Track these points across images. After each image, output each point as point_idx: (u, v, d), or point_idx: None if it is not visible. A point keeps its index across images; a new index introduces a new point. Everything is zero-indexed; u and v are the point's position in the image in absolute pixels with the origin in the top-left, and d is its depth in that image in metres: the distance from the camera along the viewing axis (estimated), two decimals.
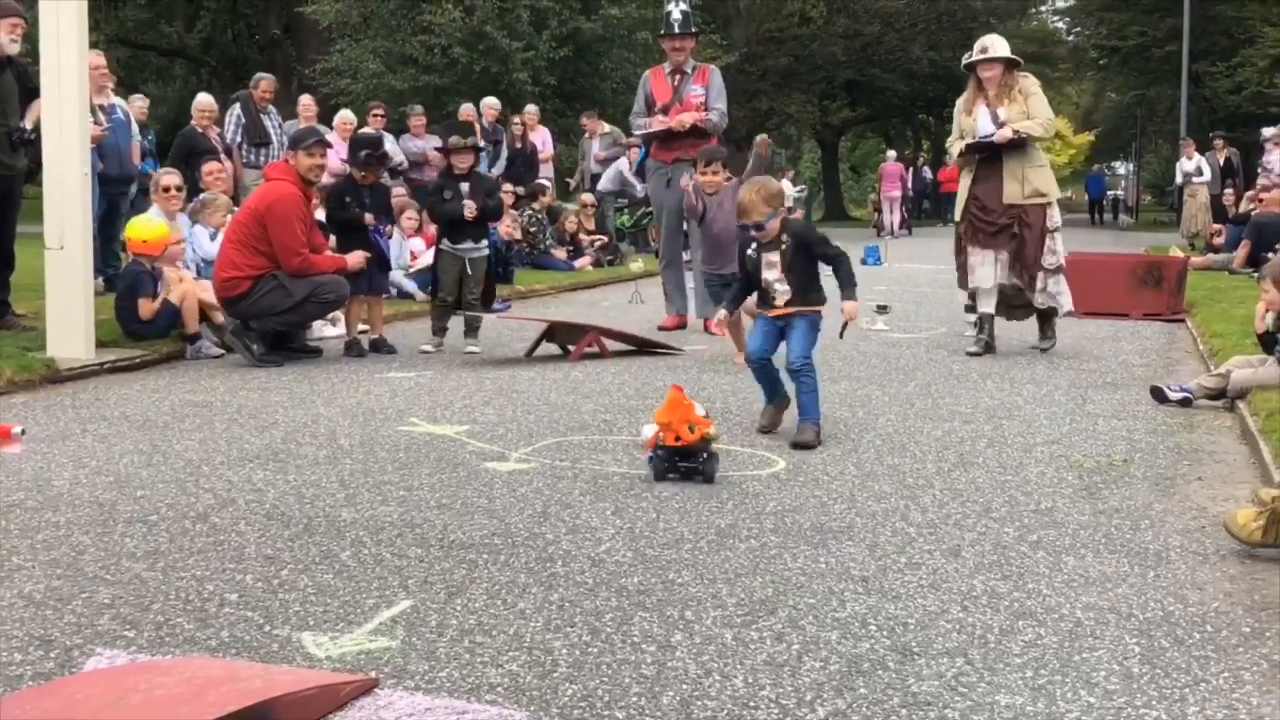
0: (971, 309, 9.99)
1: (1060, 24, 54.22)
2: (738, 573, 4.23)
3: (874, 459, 6.02)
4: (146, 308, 9.04)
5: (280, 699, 2.90)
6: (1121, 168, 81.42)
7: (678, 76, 11.11)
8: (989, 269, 9.44)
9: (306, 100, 15.78)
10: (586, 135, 20.43)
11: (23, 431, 2.11)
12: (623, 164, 19.10)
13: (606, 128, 20.19)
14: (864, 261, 20.57)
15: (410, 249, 13.23)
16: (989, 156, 9.42)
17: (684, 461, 5.53)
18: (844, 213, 50.42)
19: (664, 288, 11.54)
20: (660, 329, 10.94)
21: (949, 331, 10.80)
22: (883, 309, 11.62)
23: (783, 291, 6.59)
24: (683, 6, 11.15)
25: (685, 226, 11.34)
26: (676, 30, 11.10)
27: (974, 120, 9.45)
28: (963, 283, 9.78)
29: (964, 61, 9.77)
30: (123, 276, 9.58)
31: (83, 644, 3.48)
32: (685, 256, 11.69)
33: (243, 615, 3.73)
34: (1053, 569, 4.33)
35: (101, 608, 3.77)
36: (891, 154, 38.91)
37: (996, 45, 9.52)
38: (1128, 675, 3.41)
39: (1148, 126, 59.90)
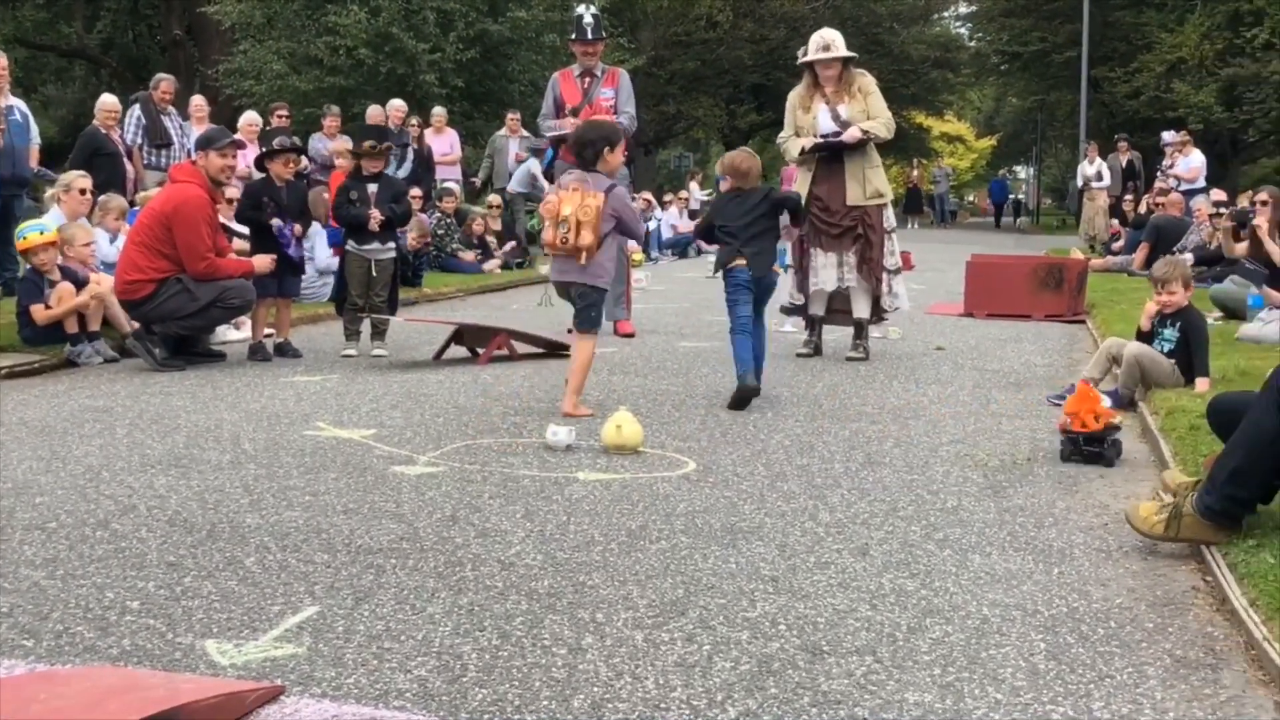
0: (790, 311, 9.92)
1: (963, 29, 54.81)
2: (648, 574, 4.22)
3: (783, 459, 6.04)
4: (40, 314, 8.86)
5: (184, 707, 2.85)
6: (1022, 171, 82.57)
7: (587, 79, 11.08)
8: (831, 271, 9.37)
9: (199, 101, 15.57)
10: (506, 133, 20.35)
11: None
12: (534, 164, 19.06)
13: (522, 131, 20.13)
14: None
15: None
16: (829, 156, 9.34)
17: (1089, 446, 6.09)
18: None
19: None
20: (570, 331, 10.88)
21: (850, 332, 10.85)
22: (790, 310, 11.65)
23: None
24: (592, 11, 11.13)
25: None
26: (589, 35, 11.07)
27: (813, 118, 9.37)
28: (799, 286, 9.64)
29: (800, 59, 9.67)
30: (20, 284, 9.41)
31: None
32: None
33: (145, 623, 3.66)
34: (959, 567, 4.37)
35: None
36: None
37: (838, 43, 9.41)
38: (1034, 672, 3.45)
39: (1048, 131, 60.76)
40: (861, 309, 9.44)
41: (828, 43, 9.43)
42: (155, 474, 5.54)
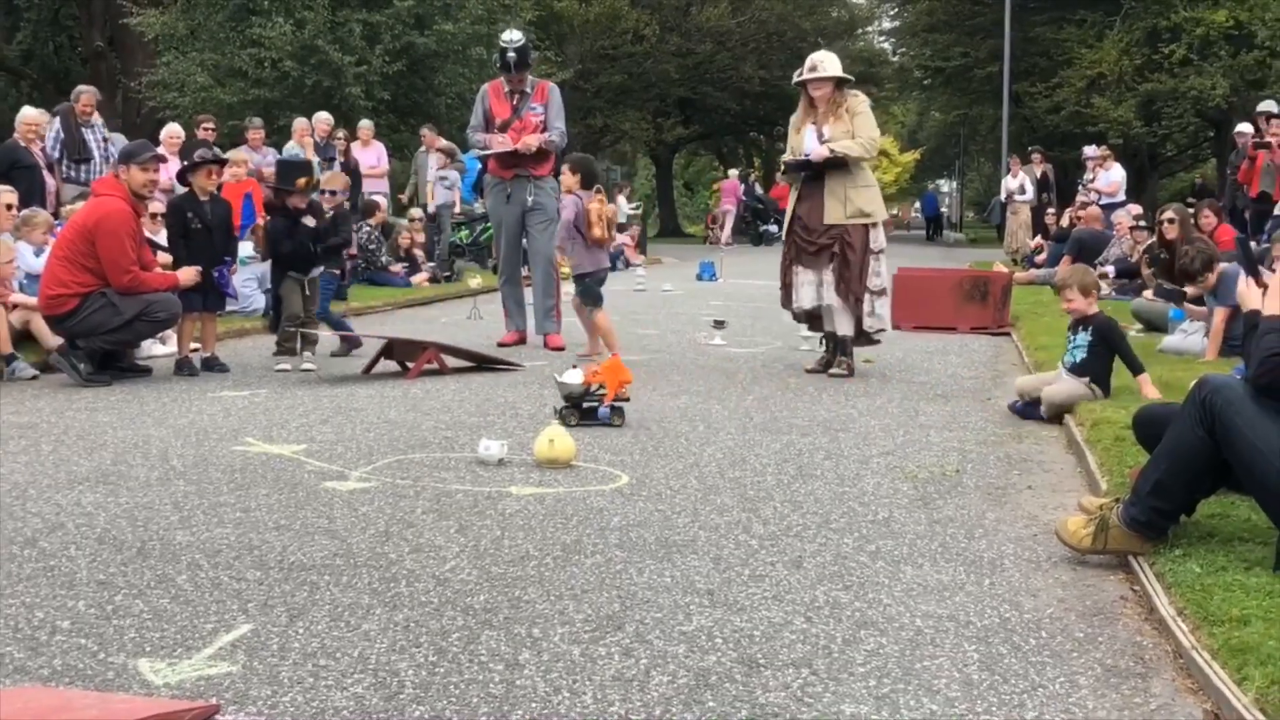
0: (720, 324, 9.98)
1: (886, 44, 55.39)
2: (584, 589, 4.23)
3: (715, 472, 6.07)
4: None
5: None
6: (945, 185, 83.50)
7: (517, 95, 11.09)
8: (810, 289, 9.39)
9: (174, 129, 15.51)
10: (424, 149, 20.29)
11: None
12: (454, 177, 19.07)
13: (444, 142, 20.07)
14: (699, 277, 20.79)
15: None
16: (813, 175, 9.38)
17: (587, 405, 7.21)
18: (678, 228, 50.79)
19: (503, 304, 11.49)
20: (500, 345, 10.90)
21: (784, 346, 10.94)
22: (719, 324, 11.74)
23: None
24: (516, 44, 11.05)
25: (524, 242, 11.32)
26: (512, 71, 11.05)
27: (801, 138, 9.46)
28: (785, 302, 9.70)
29: (794, 79, 9.81)
30: None
31: None
32: (524, 272, 11.67)
33: (76, 642, 3.61)
34: (892, 578, 4.42)
35: None
36: (733, 172, 40.09)
37: (826, 63, 9.49)
38: (968, 682, 3.49)
39: (970, 145, 61.54)
40: (844, 326, 9.37)
41: (815, 64, 9.48)
42: (83, 491, 5.47)
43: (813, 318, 9.67)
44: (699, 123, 50.26)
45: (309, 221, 9.51)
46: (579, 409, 7.26)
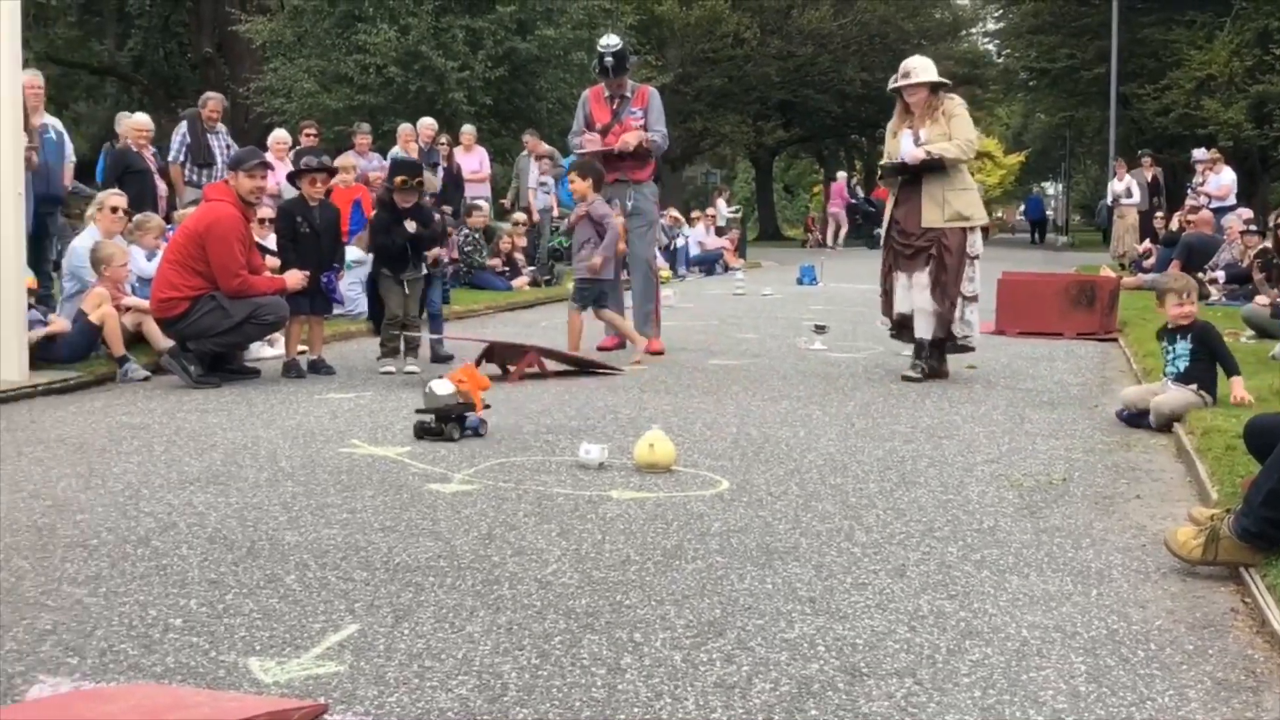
0: (895, 336, 9.88)
1: (991, 46, 54.74)
2: (685, 594, 4.23)
3: (817, 479, 6.04)
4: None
5: None
6: (1051, 188, 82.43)
7: (617, 99, 11.13)
8: (905, 293, 9.30)
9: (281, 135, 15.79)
10: (526, 153, 20.42)
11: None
12: (548, 180, 19.17)
13: (546, 148, 20.20)
14: (800, 281, 20.71)
15: None
16: (910, 179, 9.29)
17: (442, 422, 6.82)
18: (778, 232, 50.65)
19: None
20: (599, 349, 10.93)
21: (886, 351, 10.85)
22: (820, 328, 11.68)
23: None
24: (614, 49, 11.08)
25: (624, 248, 11.36)
26: (610, 76, 11.10)
27: (898, 142, 9.36)
28: (886, 309, 9.59)
29: (889, 86, 9.69)
30: None
31: (25, 671, 3.43)
32: (623, 277, 11.71)
33: (188, 641, 3.68)
34: (997, 588, 4.37)
35: (43, 634, 3.71)
36: (842, 175, 40.13)
37: (919, 69, 9.36)
38: (1075, 694, 3.44)
39: (1076, 148, 60.68)
40: (924, 329, 9.27)
41: (908, 70, 9.38)
42: (194, 491, 5.58)
43: (903, 327, 9.56)
44: (799, 125, 50.08)
45: (409, 226, 9.60)
46: (450, 422, 6.83)
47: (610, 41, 11.19)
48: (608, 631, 3.85)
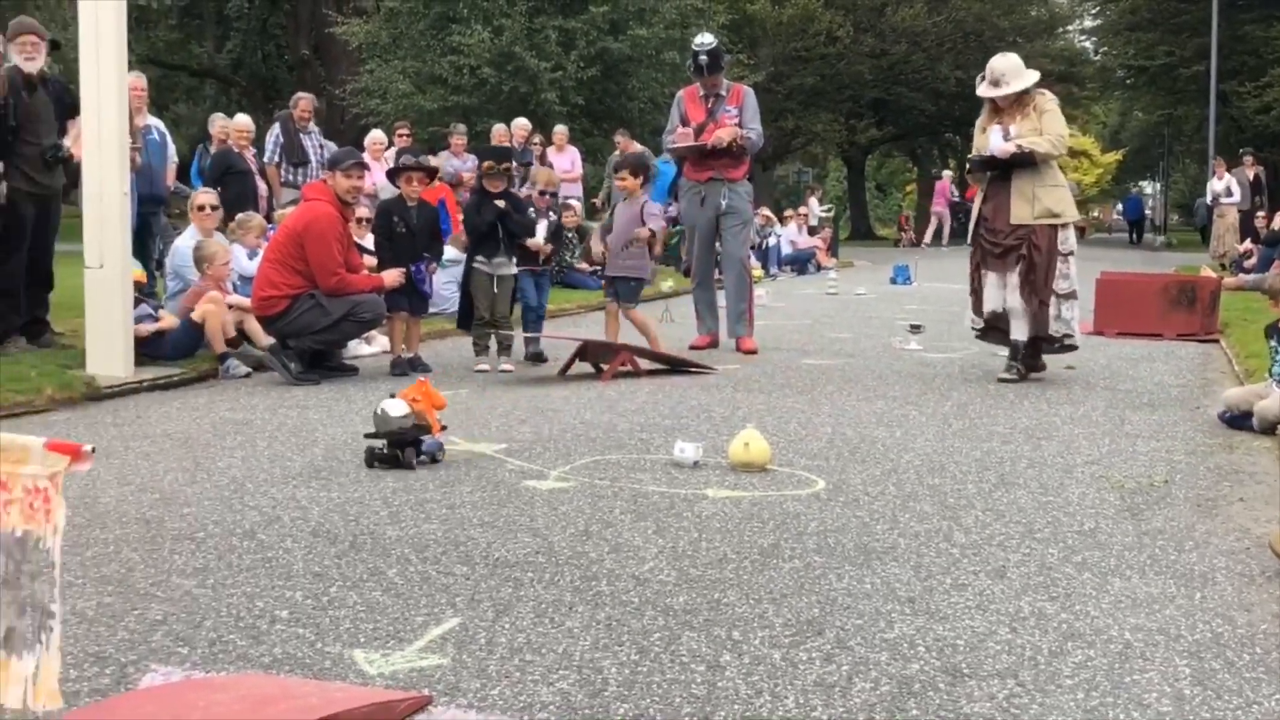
0: (981, 336, 9.77)
1: (1088, 43, 54.08)
2: (783, 593, 4.23)
3: (914, 479, 6.01)
4: (139, 330, 9.15)
5: (337, 716, 2.92)
6: (1149, 187, 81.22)
7: (712, 98, 11.13)
8: (996, 292, 9.18)
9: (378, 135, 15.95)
10: (618, 153, 20.48)
11: (93, 450, 2.14)
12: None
13: (638, 147, 20.23)
14: (893, 281, 20.59)
15: None
16: (999, 175, 9.16)
17: (395, 447, 6.12)
18: (870, 231, 50.37)
19: (695, 307, 11.56)
20: (691, 348, 10.95)
21: (982, 351, 10.76)
22: (916, 328, 11.61)
23: None
24: (708, 47, 11.08)
25: (717, 246, 11.38)
26: (704, 75, 11.10)
27: (987, 138, 9.22)
28: (976, 308, 9.46)
29: (979, 91, 9.48)
30: None
31: (137, 660, 3.51)
32: (716, 275, 11.73)
33: (294, 632, 3.75)
34: (1099, 590, 4.32)
35: (154, 624, 3.80)
36: (948, 173, 40.01)
37: (1010, 76, 9.14)
38: (1179, 697, 3.40)
39: (1175, 146, 59.78)
40: (1020, 330, 9.16)
41: (997, 78, 9.17)
42: (296, 486, 5.67)
43: (990, 329, 9.43)
44: (892, 124, 49.78)
45: (499, 202, 9.67)
46: (405, 448, 6.11)
47: (705, 40, 11.20)
48: (706, 629, 3.86)
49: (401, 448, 6.09)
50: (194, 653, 3.58)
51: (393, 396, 6.17)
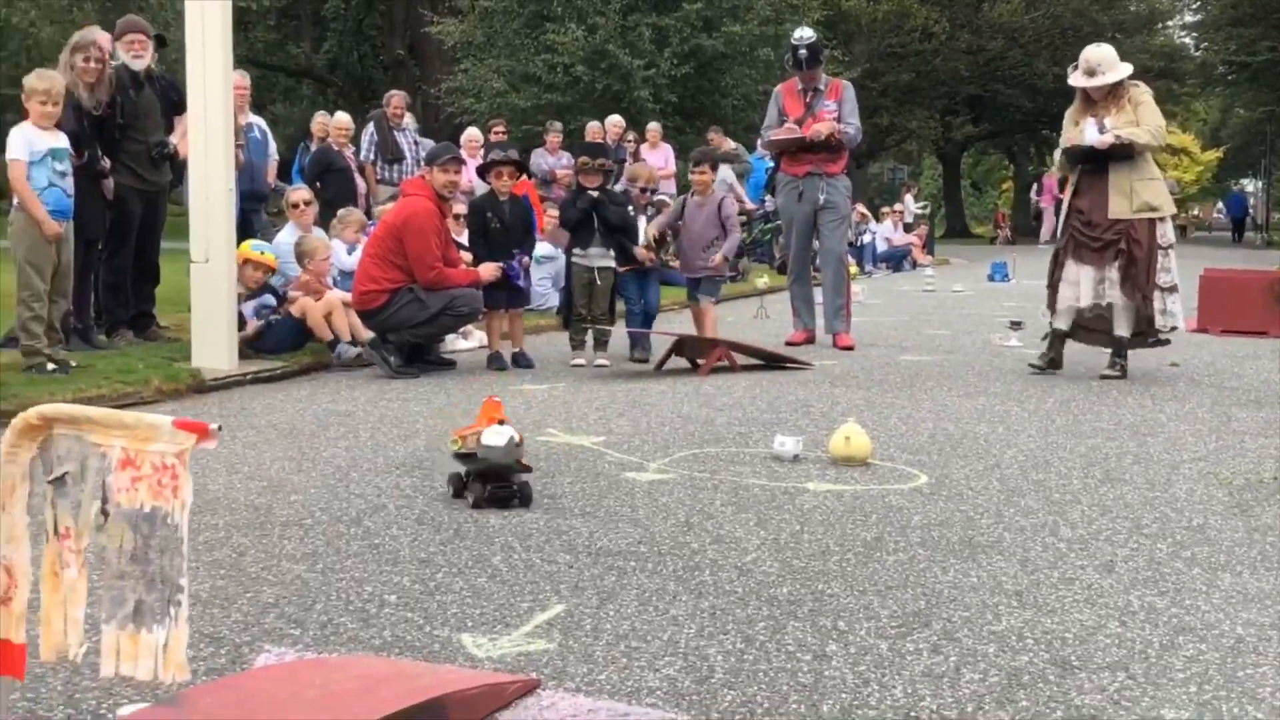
0: (1017, 325, 9.63)
1: (1188, 39, 53.21)
2: (888, 585, 4.21)
3: (1018, 474, 5.95)
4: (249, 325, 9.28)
5: (451, 696, 2.95)
6: (1250, 185, 79.70)
7: (810, 93, 11.10)
8: (1088, 286, 9.04)
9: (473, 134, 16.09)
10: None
11: (219, 428, 2.19)
12: (729, 175, 19.15)
13: (731, 144, 20.23)
14: (991, 278, 20.40)
15: None
16: (1094, 168, 9.02)
17: (495, 485, 5.13)
18: (966, 229, 49.91)
19: (792, 303, 11.53)
20: (788, 344, 10.92)
21: (1084, 348, 10.62)
22: (1016, 325, 11.49)
23: None
24: (807, 41, 11.04)
25: (814, 241, 11.35)
26: (804, 68, 11.06)
27: (1080, 131, 9.09)
28: (1051, 301, 9.33)
29: (1071, 80, 9.36)
30: None
31: (251, 641, 3.57)
32: (813, 271, 11.70)
33: (403, 616, 3.79)
34: (1209, 585, 4.25)
35: (266, 607, 3.86)
36: (1055, 169, 39.42)
37: (1105, 68, 9.04)
38: None
39: (1278, 143, 58.61)
40: (1122, 327, 9.05)
41: (1093, 67, 9.05)
42: (400, 475, 5.73)
43: (1079, 327, 9.28)
44: (989, 121, 49.31)
45: (592, 192, 9.71)
46: (502, 484, 5.17)
47: (804, 34, 11.17)
48: (811, 619, 3.85)
49: (506, 484, 5.16)
50: (306, 634, 3.64)
51: (495, 428, 5.17)
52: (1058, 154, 9.60)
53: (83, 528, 2.37)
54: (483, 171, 10.25)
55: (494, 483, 5.13)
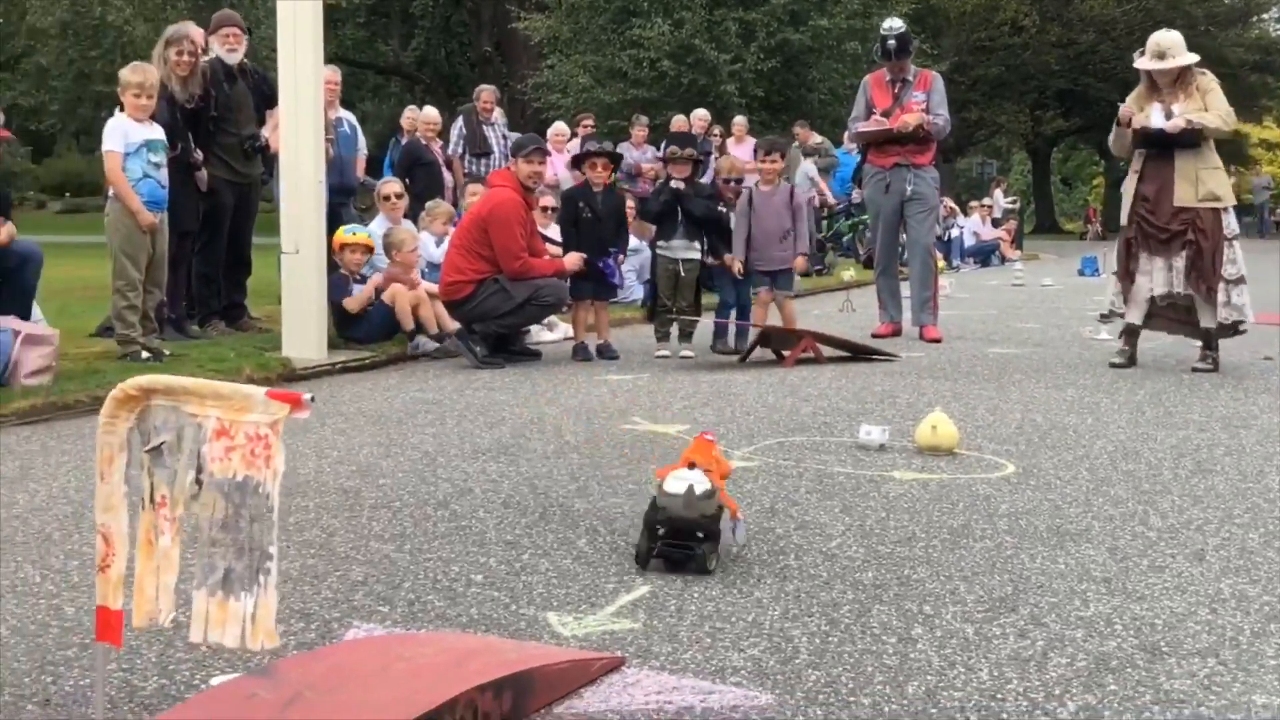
0: (1107, 318, 9.51)
1: None
2: (974, 571, 4.18)
3: (1107, 464, 5.89)
4: (352, 303, 9.36)
5: (538, 670, 2.98)
6: None
7: (898, 84, 11.03)
8: (1161, 275, 8.87)
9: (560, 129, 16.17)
10: (796, 144, 20.41)
11: (312, 399, 2.21)
12: (811, 170, 19.07)
13: (817, 138, 20.15)
14: (1080, 272, 20.16)
15: None
16: (1158, 155, 8.86)
17: (674, 545, 4.09)
18: (1055, 225, 49.33)
19: (878, 295, 11.46)
20: (874, 336, 10.85)
21: (1175, 340, 10.46)
22: (1106, 317, 11.32)
23: None
24: (896, 31, 10.98)
25: (902, 235, 11.28)
26: (893, 59, 10.99)
27: (1146, 117, 8.92)
28: (1126, 293, 9.13)
29: (1137, 63, 9.22)
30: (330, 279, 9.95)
31: (340, 617, 3.62)
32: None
33: (489, 595, 3.83)
34: None
35: (355, 585, 3.92)
36: None
37: (1174, 50, 8.92)
38: None
39: None
40: (1208, 318, 8.88)
41: (1163, 50, 8.94)
42: (486, 461, 5.78)
43: (1150, 316, 9.14)
44: (1079, 115, 48.64)
45: (676, 183, 9.71)
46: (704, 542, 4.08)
47: (893, 24, 11.10)
48: (896, 603, 3.84)
49: (695, 540, 4.07)
50: (394, 611, 3.68)
51: (692, 467, 4.17)
52: (1112, 141, 9.38)
53: (178, 496, 2.42)
54: (578, 162, 10.30)
55: (669, 540, 4.08)
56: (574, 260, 9.45)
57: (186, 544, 2.55)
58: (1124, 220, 9.18)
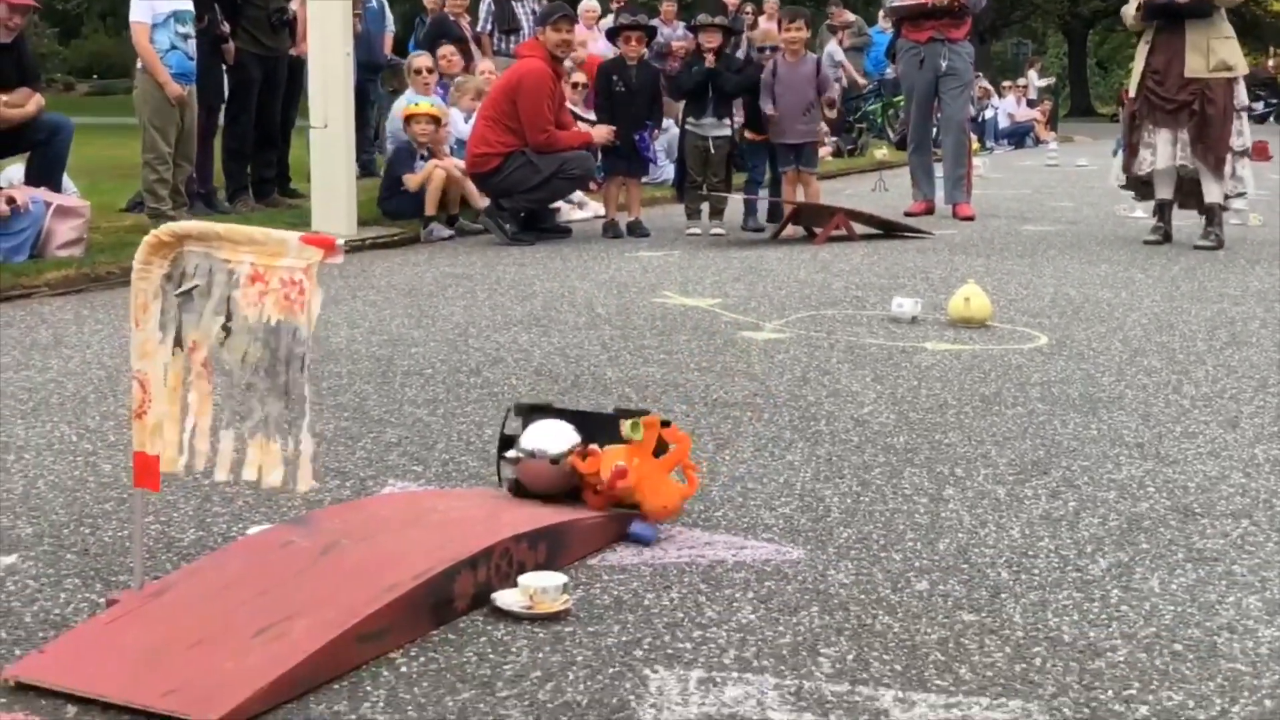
0: (1127, 188, 9.40)
1: None
2: (1006, 436, 4.18)
3: (1141, 336, 5.86)
4: (412, 180, 9.27)
5: (571, 523, 3.00)
6: None
7: None
8: (1167, 149, 8.71)
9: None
10: (827, 22, 20.10)
11: (345, 244, 2.22)
12: (837, 52, 18.75)
13: (851, 16, 19.84)
14: (1116, 153, 19.84)
15: None
16: (1169, 25, 8.67)
17: None
18: (1090, 108, 48.63)
19: (911, 173, 11.36)
20: (906, 214, 10.76)
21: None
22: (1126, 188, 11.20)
23: None
24: None
25: (936, 111, 11.13)
26: None
27: None
28: (1127, 164, 9.06)
29: None
30: (394, 153, 9.86)
31: (375, 476, 3.65)
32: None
33: None
34: None
35: (389, 446, 3.94)
36: None
37: None
38: None
39: None
40: (1213, 193, 8.78)
41: None
42: (518, 331, 5.79)
43: (1144, 184, 9.03)
44: None
45: (708, 59, 9.58)
46: None
47: None
48: (928, 466, 3.84)
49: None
50: (428, 471, 3.71)
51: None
52: (1127, 9, 9.17)
53: (205, 341, 2.42)
54: (613, 35, 10.17)
55: None
56: (602, 133, 9.34)
57: (217, 389, 2.56)
58: (1131, 92, 9.09)
